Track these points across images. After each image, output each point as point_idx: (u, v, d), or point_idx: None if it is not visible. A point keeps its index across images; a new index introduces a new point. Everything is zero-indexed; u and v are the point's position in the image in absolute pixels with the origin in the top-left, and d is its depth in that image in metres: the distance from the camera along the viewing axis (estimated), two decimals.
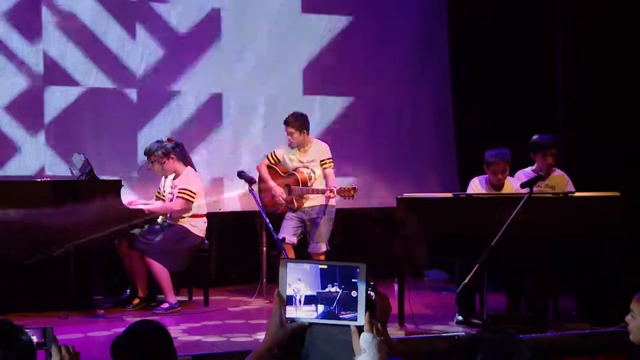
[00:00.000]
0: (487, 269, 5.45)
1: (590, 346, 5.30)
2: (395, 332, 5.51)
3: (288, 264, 2.18)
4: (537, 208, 5.63)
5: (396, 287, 5.91)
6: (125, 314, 6.29)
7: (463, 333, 5.40)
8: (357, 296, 2.12)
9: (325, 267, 2.15)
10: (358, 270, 2.12)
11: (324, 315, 2.15)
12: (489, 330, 2.93)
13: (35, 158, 7.29)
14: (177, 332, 5.63)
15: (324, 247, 6.80)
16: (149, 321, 2.70)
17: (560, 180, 6.44)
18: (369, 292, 2.13)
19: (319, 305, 2.14)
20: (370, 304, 2.13)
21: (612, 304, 5.38)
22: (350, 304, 2.12)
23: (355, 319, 2.13)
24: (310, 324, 2.17)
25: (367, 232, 7.89)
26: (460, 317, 5.90)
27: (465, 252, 5.63)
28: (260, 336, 5.18)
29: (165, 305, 6.41)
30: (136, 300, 6.54)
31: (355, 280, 2.12)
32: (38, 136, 7.31)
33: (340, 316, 2.14)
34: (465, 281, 5.32)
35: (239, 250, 7.70)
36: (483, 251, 5.33)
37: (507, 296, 6.10)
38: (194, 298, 6.94)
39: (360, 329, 2.11)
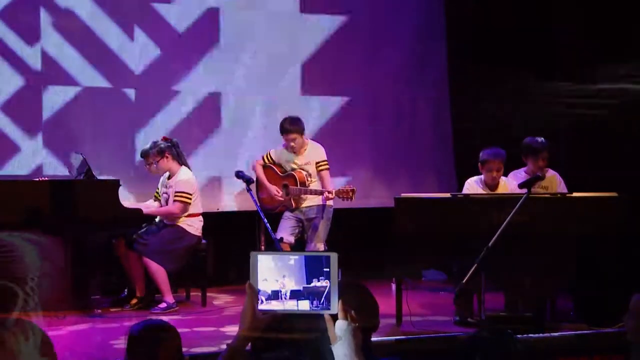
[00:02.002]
0: (485, 269, 5.45)
1: (588, 347, 5.31)
2: (393, 332, 5.51)
3: (258, 255, 2.18)
4: (535, 208, 5.63)
5: (394, 287, 5.91)
6: (123, 314, 6.28)
7: (461, 333, 5.40)
8: (329, 286, 2.14)
9: (297, 257, 2.16)
10: (330, 259, 2.14)
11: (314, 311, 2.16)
12: (487, 330, 2.93)
13: (33, 158, 7.30)
14: None
15: (321, 247, 6.79)
16: (162, 320, 2.74)
17: (552, 180, 6.46)
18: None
19: (306, 300, 2.15)
20: (351, 293, 2.16)
21: (610, 305, 5.38)
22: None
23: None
24: (283, 314, 2.18)
25: (365, 232, 7.89)
26: (458, 318, 5.90)
27: (463, 252, 5.63)
28: None
29: (163, 305, 6.40)
30: (134, 300, 6.53)
31: (328, 270, 2.13)
32: (36, 136, 7.32)
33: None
34: (463, 281, 5.32)
35: (236, 250, 7.69)
36: (481, 251, 5.33)
37: (505, 296, 6.11)
38: (191, 298, 6.94)
39: (334, 317, 2.13)
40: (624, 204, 5.81)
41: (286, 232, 6.82)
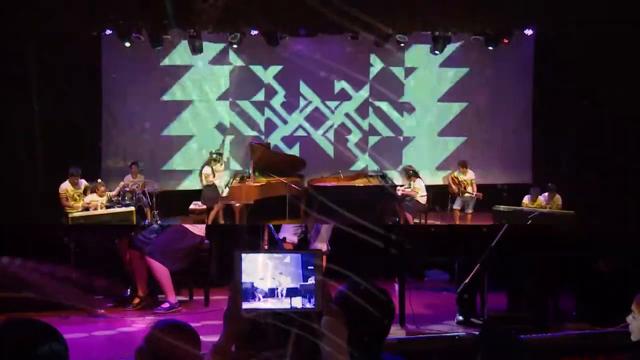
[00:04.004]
0: (488, 269, 5.45)
1: (591, 346, 5.31)
2: (396, 332, 5.51)
3: (242, 255, 2.19)
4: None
5: (397, 287, 5.92)
6: (126, 314, 6.29)
7: (464, 333, 5.40)
8: (314, 283, 2.14)
9: (288, 256, 2.16)
10: (314, 257, 2.14)
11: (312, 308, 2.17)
12: (490, 330, 2.93)
13: None
14: None
15: (324, 247, 6.80)
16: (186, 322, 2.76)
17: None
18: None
19: (299, 297, 2.15)
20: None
21: (612, 305, 5.38)
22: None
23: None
24: (268, 313, 2.18)
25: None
26: (460, 317, 5.90)
27: (465, 252, 5.64)
28: None
29: (166, 304, 6.40)
30: (136, 300, 6.54)
31: (312, 267, 2.14)
32: None
33: None
34: (466, 281, 5.32)
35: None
36: (483, 252, 5.34)
37: (507, 296, 6.10)
38: (194, 298, 6.94)
39: (319, 314, 2.13)
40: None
41: (289, 232, 6.83)
